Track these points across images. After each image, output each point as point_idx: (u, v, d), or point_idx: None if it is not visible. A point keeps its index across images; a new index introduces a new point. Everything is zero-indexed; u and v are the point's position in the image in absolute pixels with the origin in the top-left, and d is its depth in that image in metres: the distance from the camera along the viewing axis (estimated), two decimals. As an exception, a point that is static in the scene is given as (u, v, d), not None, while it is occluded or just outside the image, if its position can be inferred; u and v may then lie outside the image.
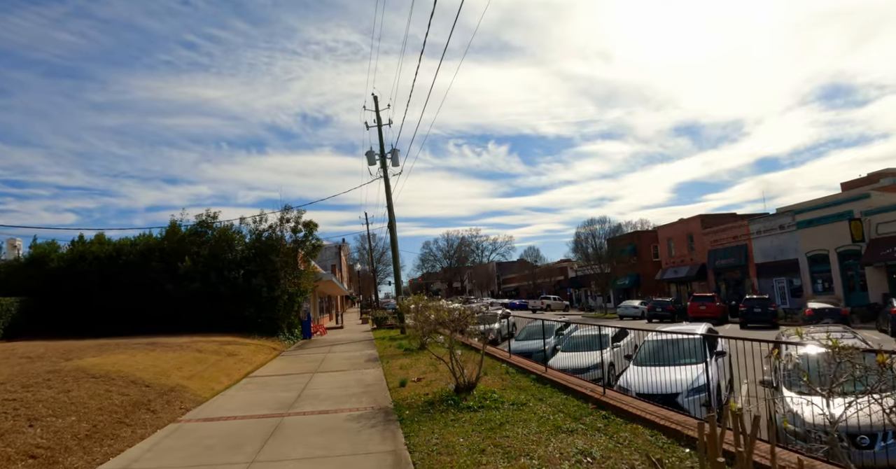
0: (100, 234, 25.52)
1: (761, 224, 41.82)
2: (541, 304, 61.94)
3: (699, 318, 34.72)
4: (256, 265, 23.32)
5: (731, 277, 45.61)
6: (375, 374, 13.35)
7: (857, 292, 33.84)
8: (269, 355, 18.51)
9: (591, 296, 67.50)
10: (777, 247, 40.10)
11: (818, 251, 36.52)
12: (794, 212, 39.22)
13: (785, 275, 39.72)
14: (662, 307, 37.69)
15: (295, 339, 24.43)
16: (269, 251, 23.72)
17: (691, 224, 50.58)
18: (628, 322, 39.95)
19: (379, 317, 32.55)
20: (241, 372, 14.32)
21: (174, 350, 16.24)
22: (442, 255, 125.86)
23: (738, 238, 43.94)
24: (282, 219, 25.32)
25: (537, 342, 18.74)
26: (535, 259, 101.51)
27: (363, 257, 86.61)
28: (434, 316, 10.08)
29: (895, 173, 45.41)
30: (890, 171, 46.08)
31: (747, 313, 30.16)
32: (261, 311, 22.89)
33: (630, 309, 42.49)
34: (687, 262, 50.62)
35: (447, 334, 10.35)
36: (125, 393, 10.03)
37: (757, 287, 42.06)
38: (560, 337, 19.23)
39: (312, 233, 26.04)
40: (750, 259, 42.70)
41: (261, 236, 24.96)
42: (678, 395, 10.64)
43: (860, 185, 44.82)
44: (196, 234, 24.26)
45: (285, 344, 22.56)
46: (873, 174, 46.47)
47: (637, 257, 57.52)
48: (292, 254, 25.05)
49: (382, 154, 27.93)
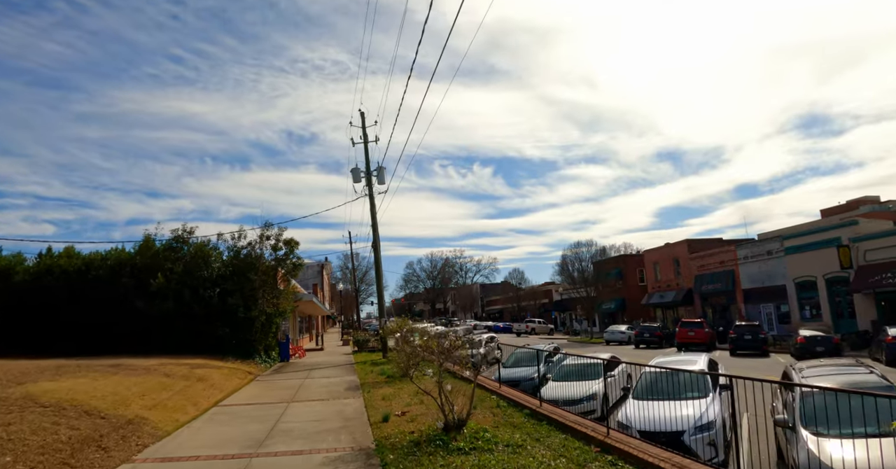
0: (69, 246, 24.34)
1: (749, 249, 41.60)
2: (525, 328, 61.02)
3: (688, 345, 34.15)
4: (233, 284, 22.27)
5: (717, 303, 45.22)
6: (356, 405, 12.38)
7: (845, 319, 33.53)
8: (243, 380, 17.41)
9: (576, 320, 66.78)
10: (764, 272, 39.83)
11: (806, 277, 36.27)
12: (782, 237, 39.07)
13: (772, 301, 39.39)
14: (650, 333, 37.05)
15: (272, 362, 23.28)
16: (247, 269, 22.71)
17: (678, 248, 50.33)
18: (615, 348, 39.19)
19: (360, 339, 31.45)
20: (210, 400, 13.26)
21: (139, 374, 15.13)
22: (425, 275, 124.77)
23: (725, 263, 43.66)
24: (262, 236, 24.37)
25: (526, 370, 17.91)
26: (519, 281, 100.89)
27: (346, 276, 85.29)
28: (420, 343, 9.20)
29: (874, 201, 45.93)
30: (869, 199, 46.50)
31: (737, 340, 29.59)
32: (236, 333, 21.78)
33: (617, 334, 41.79)
34: (673, 287, 50.20)
35: (434, 363, 9.49)
36: (75, 426, 8.99)
37: (744, 313, 41.67)
38: (549, 364, 18.43)
39: (293, 251, 25.10)
40: (737, 284, 42.38)
41: (239, 253, 23.96)
42: (683, 434, 9.87)
43: (840, 212, 45.18)
44: (171, 249, 23.19)
45: (261, 367, 21.43)
46: (852, 201, 46.87)
47: (623, 281, 57.01)
48: (272, 272, 24.04)
49: (368, 171, 27.20)
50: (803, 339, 26.21)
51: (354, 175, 27.15)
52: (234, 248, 24.03)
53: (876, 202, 45.67)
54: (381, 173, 27.07)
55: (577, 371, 14.53)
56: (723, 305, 44.66)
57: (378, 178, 27.14)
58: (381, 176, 27.11)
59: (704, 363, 12.91)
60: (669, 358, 13.93)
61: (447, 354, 9.03)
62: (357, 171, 27.11)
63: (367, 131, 27.65)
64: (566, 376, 14.48)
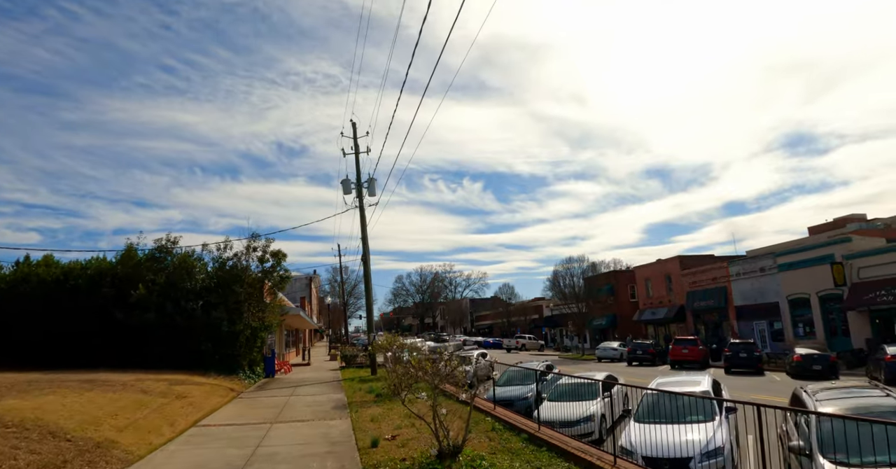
0: (48, 255, 23.54)
1: (741, 266, 41.37)
2: (516, 344, 60.31)
3: (682, 362, 33.66)
4: (218, 296, 21.53)
5: (710, 320, 44.88)
6: (342, 427, 11.70)
7: (839, 337, 33.23)
8: (225, 398, 16.65)
9: (566, 336, 66.19)
10: (757, 289, 39.57)
11: (799, 295, 36.02)
12: (775, 254, 38.87)
13: (765, 318, 39.09)
14: (643, 350, 36.53)
15: (256, 378, 22.48)
16: (232, 281, 21.99)
17: (669, 265, 50.08)
18: (607, 365, 38.60)
19: (348, 354, 30.64)
20: (188, 419, 12.52)
21: (115, 390, 14.37)
22: (415, 290, 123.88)
23: (718, 280, 43.39)
24: (248, 247, 23.67)
25: (520, 388, 17.30)
26: (509, 296, 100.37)
27: (334, 290, 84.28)
28: (414, 363, 8.59)
29: (860, 219, 46.08)
30: (856, 217, 46.62)
31: (732, 358, 29.14)
32: (220, 347, 21.00)
33: (609, 351, 41.22)
34: (665, 304, 49.86)
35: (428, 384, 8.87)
36: (37, 450, 8.28)
37: (737, 330, 41.32)
38: (544, 383, 17.86)
39: (281, 263, 24.42)
40: (729, 301, 42.08)
41: (224, 265, 23.24)
42: (690, 460, 9.33)
43: (827, 230, 45.23)
44: (154, 259, 22.45)
45: (245, 383, 20.63)
46: (839, 219, 47.00)
47: (614, 297, 56.63)
48: (258, 285, 23.33)
49: (359, 183, 26.66)
50: (800, 358, 25.80)
51: (345, 186, 26.60)
52: (220, 260, 23.32)
53: (863, 220, 45.88)
54: (371, 185, 26.55)
55: (573, 391, 13.98)
56: (715, 322, 44.32)
57: (369, 190, 26.61)
58: (371, 188, 26.58)
59: (708, 384, 12.38)
60: (670, 378, 13.37)
61: (444, 378, 8.43)
62: (347, 182, 26.57)
63: (358, 142, 27.19)
64: (562, 396, 13.90)
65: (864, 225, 42.84)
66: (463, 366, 23.46)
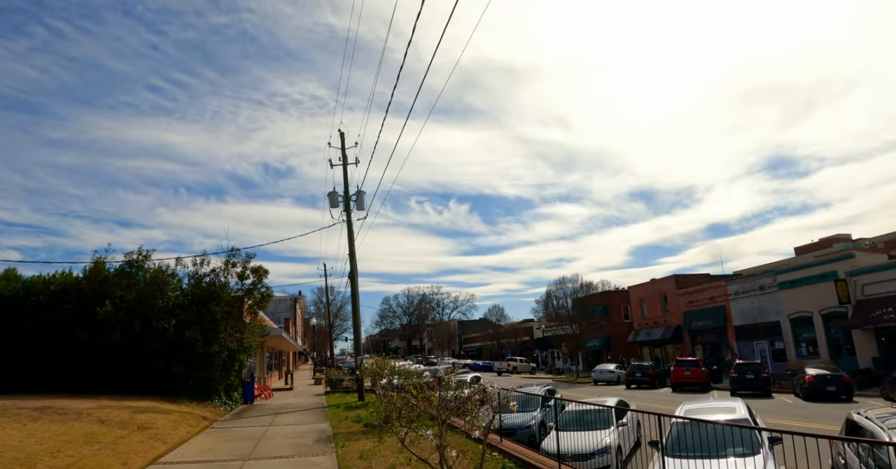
0: (10, 269, 21.65)
1: (740, 285, 40.27)
2: (507, 367, 58.43)
3: (683, 385, 32.21)
4: (192, 315, 19.83)
5: (708, 340, 43.58)
6: (327, 465, 10.05)
7: (844, 357, 32.05)
8: (195, 428, 14.88)
9: (558, 358, 64.48)
10: (757, 308, 38.42)
11: (801, 313, 34.90)
12: (775, 272, 37.85)
13: (766, 338, 37.89)
14: (642, 372, 35.03)
15: (233, 405, 20.64)
16: (208, 299, 20.31)
17: (665, 284, 48.90)
18: (604, 388, 37.08)
19: (334, 379, 28.78)
20: (146, 456, 10.80)
21: (67, 420, 12.64)
22: (402, 311, 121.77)
23: (716, 299, 42.22)
24: (227, 263, 22.05)
25: (522, 416, 15.72)
26: (498, 318, 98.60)
27: (320, 311, 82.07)
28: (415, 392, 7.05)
29: (846, 239, 45.84)
30: (841, 237, 46.38)
31: (739, 380, 27.73)
32: (193, 370, 19.23)
33: (606, 373, 39.64)
34: (661, 324, 48.53)
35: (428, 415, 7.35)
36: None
37: (736, 350, 40.06)
38: (546, 409, 16.36)
39: (262, 280, 22.81)
40: (728, 321, 40.86)
41: (201, 281, 21.58)
42: (744, 504, 7.87)
43: (814, 250, 45.07)
44: (123, 275, 20.72)
45: (220, 410, 18.81)
46: (825, 239, 46.92)
47: (607, 318, 55.24)
48: (237, 303, 21.65)
49: (346, 195, 25.23)
50: (812, 379, 24.47)
51: (332, 199, 25.14)
52: (196, 276, 21.67)
53: (848, 240, 45.76)
54: (360, 198, 25.13)
55: (583, 418, 12.49)
56: (713, 343, 43.03)
57: (357, 204, 25.17)
58: (360, 201, 25.16)
59: (744, 410, 10.95)
60: (699, 404, 11.92)
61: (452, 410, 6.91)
62: (335, 195, 25.12)
63: (346, 152, 25.84)
64: (570, 424, 12.39)
65: (851, 244, 42.68)
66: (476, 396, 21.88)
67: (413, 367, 18.03)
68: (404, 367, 14.83)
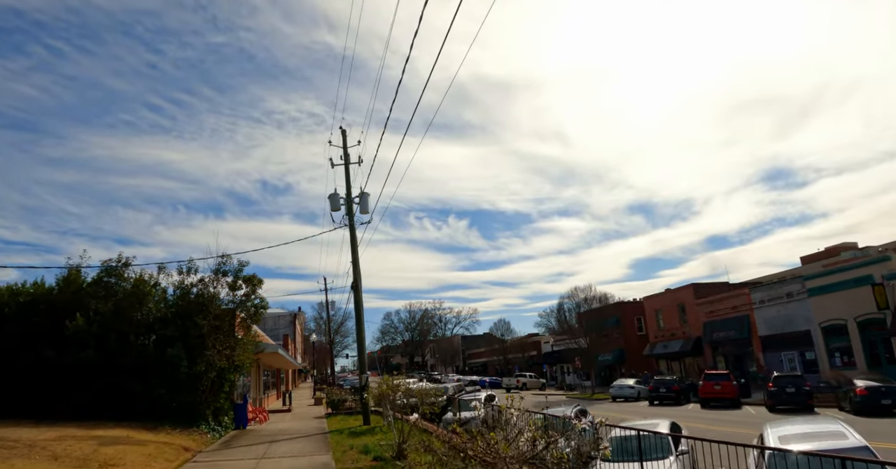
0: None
1: (765, 292, 38.02)
2: (516, 383, 55.91)
3: (712, 400, 29.86)
4: (176, 329, 17.57)
5: (731, 352, 41.17)
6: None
7: (883, 366, 29.72)
8: (173, 463, 12.56)
9: (568, 373, 61.91)
10: (785, 317, 36.14)
11: (834, 321, 32.64)
12: (804, 278, 35.65)
13: (795, 348, 35.54)
14: (667, 387, 32.66)
15: (222, 431, 18.24)
16: (195, 312, 18.05)
17: (682, 294, 46.62)
18: (622, 404, 34.76)
19: (336, 399, 26.34)
20: (102, 504, 8.50)
21: (11, 456, 10.36)
22: (403, 327, 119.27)
23: (739, 308, 39.93)
24: (217, 271, 19.82)
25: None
26: (502, 333, 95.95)
27: (320, 328, 79.52)
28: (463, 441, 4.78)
29: (853, 247, 44.31)
30: (848, 245, 45.01)
31: (778, 394, 25.42)
32: (176, 393, 16.90)
33: (625, 389, 37.25)
34: (679, 336, 46.16)
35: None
36: None
37: (763, 362, 37.76)
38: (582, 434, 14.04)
39: (255, 291, 20.55)
40: (753, 331, 38.55)
41: (188, 292, 19.34)
42: None
43: (820, 259, 42.99)
44: (100, 285, 18.48)
45: (206, 439, 16.44)
46: (831, 248, 45.44)
47: (620, 331, 52.87)
48: (227, 317, 19.38)
49: (349, 197, 23.09)
50: (864, 391, 22.17)
51: (332, 202, 22.96)
52: (182, 286, 19.43)
53: (854, 248, 44.22)
54: (363, 200, 22.96)
55: (628, 446, 10.23)
56: (737, 355, 40.63)
57: (360, 206, 23.00)
58: (363, 203, 22.99)
59: (855, 435, 8.71)
60: (791, 427, 9.65)
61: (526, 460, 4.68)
62: (336, 197, 22.94)
63: (348, 151, 23.74)
64: (619, 454, 10.09)
65: (858, 253, 41.11)
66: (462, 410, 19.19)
67: (427, 386, 15.78)
68: (421, 388, 12.62)
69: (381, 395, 12.15)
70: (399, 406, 12.52)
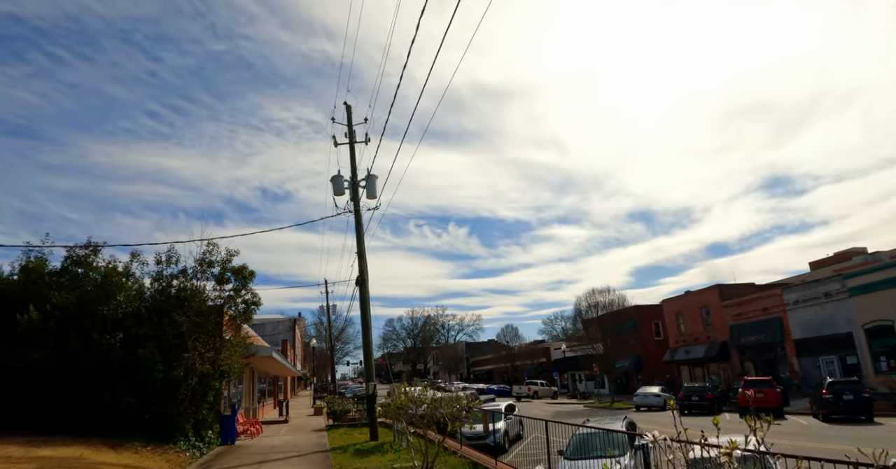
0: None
1: (800, 292, 35.25)
2: (527, 391, 53.00)
3: (753, 409, 27.05)
4: (150, 327, 14.88)
5: (761, 357, 38.34)
6: None
7: (935, 371, 27.02)
8: (133, 491, 9.85)
9: (580, 380, 59.01)
10: (822, 319, 33.36)
11: (879, 322, 29.86)
12: (844, 276, 32.89)
13: (834, 352, 32.74)
14: (699, 395, 29.84)
15: (205, 448, 15.50)
16: (173, 307, 15.37)
17: (706, 296, 43.79)
18: (645, 414, 31.94)
19: (338, 410, 23.52)
20: None
21: None
22: (406, 333, 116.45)
23: (770, 310, 37.13)
24: (202, 261, 17.16)
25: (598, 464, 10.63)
26: (509, 339, 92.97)
27: (321, 334, 76.67)
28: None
29: (862, 252, 43.23)
30: (858, 250, 43.73)
31: (834, 402, 22.64)
32: (149, 402, 14.21)
33: (650, 397, 34.40)
34: (702, 341, 43.31)
35: None
36: None
37: (797, 367, 34.97)
38: (637, 452, 11.40)
39: (246, 285, 17.90)
40: (786, 334, 35.75)
41: (169, 285, 16.67)
42: None
43: (831, 264, 41.34)
44: (65, 274, 15.82)
45: (184, 458, 13.70)
46: (841, 253, 43.78)
47: (636, 335, 50.02)
48: (214, 314, 16.72)
49: (354, 181, 20.50)
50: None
51: (335, 185, 20.37)
52: (160, 277, 16.76)
53: (864, 253, 42.71)
54: (370, 183, 20.36)
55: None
56: (768, 360, 37.79)
57: (367, 190, 20.42)
58: (370, 186, 20.39)
59: None
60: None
61: None
62: (339, 179, 20.36)
63: (353, 129, 21.18)
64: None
65: (870, 257, 39.34)
66: None
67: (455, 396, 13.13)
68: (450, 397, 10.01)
69: (398, 407, 9.48)
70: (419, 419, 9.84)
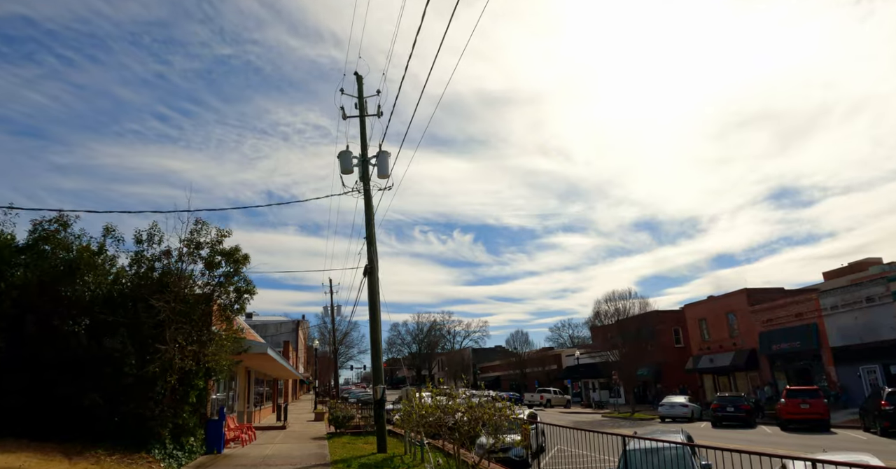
0: None
1: (839, 296, 32.78)
2: (540, 399, 50.49)
3: (795, 421, 24.59)
4: (123, 314, 12.66)
5: (794, 366, 35.80)
6: None
7: None
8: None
9: (594, 389, 56.39)
10: (864, 325, 30.90)
11: (932, 330, 27.44)
12: (888, 279, 30.45)
13: (877, 360, 30.27)
14: (735, 406, 27.35)
15: (184, 458, 13.21)
16: (150, 290, 13.15)
17: (733, 300, 41.27)
18: (671, 425, 29.45)
19: (340, 416, 21.19)
20: None
21: None
22: (411, 338, 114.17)
23: (804, 315, 34.65)
24: (189, 241, 14.96)
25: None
26: (518, 346, 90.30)
27: (324, 337, 74.47)
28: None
29: (878, 262, 41.25)
30: (874, 260, 41.86)
31: None
32: (118, 402, 11.96)
33: (677, 407, 31.93)
34: (728, 348, 40.79)
35: None
36: None
37: (835, 377, 32.48)
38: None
39: (239, 270, 15.67)
40: (823, 342, 33.25)
41: (152, 268, 14.48)
42: None
43: (845, 274, 39.54)
44: (31, 250, 13.62)
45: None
46: (856, 263, 42.01)
47: (654, 343, 47.45)
48: (201, 302, 14.50)
49: (364, 157, 18.30)
50: None
51: (343, 161, 18.16)
52: (142, 259, 14.55)
53: (880, 263, 41.12)
54: (382, 160, 18.13)
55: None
56: (802, 369, 35.24)
57: (379, 169, 18.21)
58: (382, 165, 18.15)
59: None
60: None
61: None
62: (347, 155, 18.14)
63: (364, 101, 19.01)
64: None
65: (885, 267, 37.28)
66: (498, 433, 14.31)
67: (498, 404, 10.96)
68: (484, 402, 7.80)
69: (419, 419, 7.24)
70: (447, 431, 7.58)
